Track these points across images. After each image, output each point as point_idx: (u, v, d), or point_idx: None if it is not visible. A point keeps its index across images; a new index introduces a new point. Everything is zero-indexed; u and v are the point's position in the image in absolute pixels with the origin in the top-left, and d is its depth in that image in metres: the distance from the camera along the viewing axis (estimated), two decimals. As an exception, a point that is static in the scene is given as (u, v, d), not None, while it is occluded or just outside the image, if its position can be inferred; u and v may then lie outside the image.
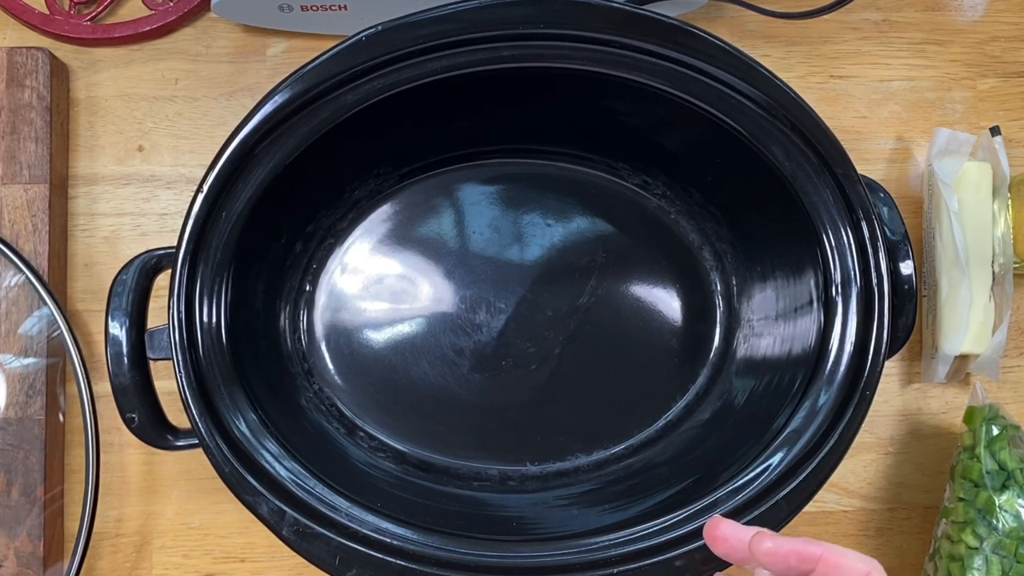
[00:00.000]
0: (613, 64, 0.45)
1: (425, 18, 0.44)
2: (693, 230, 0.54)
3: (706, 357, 0.53)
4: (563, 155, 0.53)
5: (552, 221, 0.53)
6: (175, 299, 0.44)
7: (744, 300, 0.53)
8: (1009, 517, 0.49)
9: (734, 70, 0.45)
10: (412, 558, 0.43)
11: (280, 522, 0.43)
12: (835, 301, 0.46)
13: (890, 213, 0.48)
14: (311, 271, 0.53)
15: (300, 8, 0.53)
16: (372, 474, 0.49)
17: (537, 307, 0.53)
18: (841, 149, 0.46)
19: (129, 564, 0.54)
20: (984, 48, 0.59)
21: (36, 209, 0.53)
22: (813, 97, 0.49)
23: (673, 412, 0.52)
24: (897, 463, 0.56)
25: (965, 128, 0.58)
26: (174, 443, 0.46)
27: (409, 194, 0.53)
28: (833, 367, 0.45)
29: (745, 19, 0.58)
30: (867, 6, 0.59)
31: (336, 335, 0.52)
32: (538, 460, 0.52)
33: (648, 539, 0.43)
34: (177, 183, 0.56)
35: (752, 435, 0.46)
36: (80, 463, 0.53)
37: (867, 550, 0.56)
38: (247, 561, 0.54)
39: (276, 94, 0.44)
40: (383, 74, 0.45)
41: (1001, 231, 0.55)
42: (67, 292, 0.55)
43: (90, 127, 0.56)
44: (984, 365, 0.54)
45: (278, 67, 0.57)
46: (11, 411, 0.52)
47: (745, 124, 0.46)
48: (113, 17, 0.57)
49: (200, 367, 0.44)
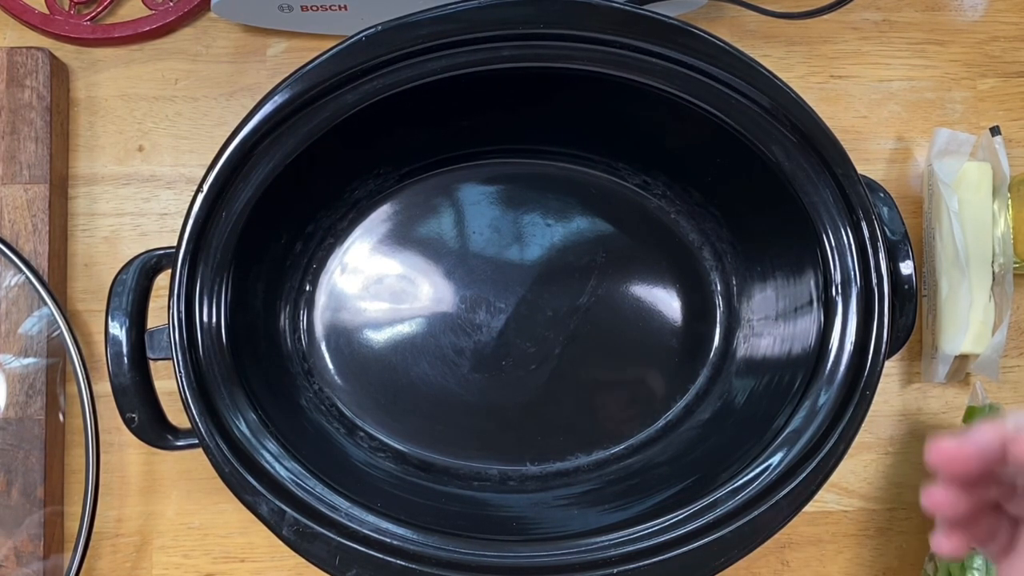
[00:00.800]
0: (613, 64, 0.45)
1: (425, 18, 0.44)
2: (693, 230, 0.54)
3: (706, 357, 0.53)
4: (563, 155, 0.53)
5: (552, 221, 0.53)
6: (175, 299, 0.44)
7: (744, 300, 0.53)
8: (1009, 517, 0.49)
9: (734, 70, 0.45)
10: (412, 558, 0.43)
11: (280, 522, 0.43)
12: (835, 301, 0.46)
13: (890, 213, 0.48)
14: (311, 271, 0.53)
15: (300, 8, 0.53)
16: (372, 474, 0.49)
17: (537, 307, 0.53)
18: (841, 149, 0.46)
19: (129, 564, 0.54)
20: (984, 48, 0.59)
21: (36, 209, 0.53)
22: (813, 97, 0.49)
23: (673, 412, 0.52)
24: (897, 463, 0.56)
25: (965, 128, 0.58)
26: (174, 443, 0.46)
27: (409, 194, 0.53)
28: (833, 367, 0.45)
29: (745, 19, 0.58)
30: (867, 6, 0.59)
31: (336, 335, 0.52)
32: (538, 460, 0.52)
33: (648, 539, 0.43)
34: (177, 183, 0.56)
35: (752, 435, 0.46)
36: (80, 463, 0.53)
37: (867, 550, 0.56)
38: (247, 561, 0.54)
39: (276, 94, 0.44)
40: (383, 74, 0.45)
41: (1001, 231, 0.55)
42: (67, 292, 0.55)
43: (90, 127, 0.56)
44: (984, 365, 0.54)
45: (278, 67, 0.57)
46: (11, 411, 0.52)
47: (745, 124, 0.46)
48: (113, 17, 0.57)
49: (200, 367, 0.44)
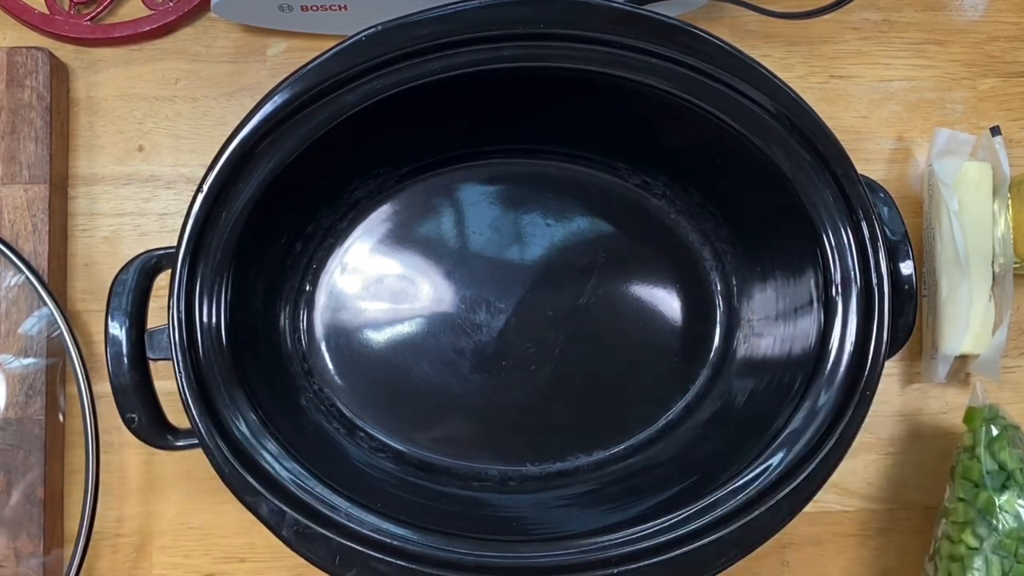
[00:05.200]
0: (613, 64, 0.45)
1: (425, 18, 0.44)
2: (693, 230, 0.54)
3: (706, 357, 0.53)
4: (563, 155, 0.53)
5: (552, 221, 0.53)
6: (175, 299, 0.44)
7: (744, 300, 0.53)
8: (1009, 517, 0.49)
9: (734, 70, 0.45)
10: (412, 558, 0.43)
11: (280, 522, 0.43)
12: (835, 301, 0.46)
13: (890, 213, 0.48)
14: (311, 271, 0.53)
15: (300, 8, 0.53)
16: (372, 474, 0.49)
17: (537, 307, 0.53)
18: (841, 149, 0.46)
19: (129, 564, 0.54)
20: (984, 48, 0.59)
21: (36, 209, 0.53)
22: (813, 97, 0.49)
23: (673, 412, 0.52)
24: (897, 463, 0.56)
25: (965, 128, 0.58)
26: (174, 443, 0.46)
27: (409, 194, 0.53)
28: (833, 367, 0.45)
29: (745, 19, 0.58)
30: (867, 6, 0.59)
31: (336, 335, 0.52)
32: (538, 460, 0.52)
33: (648, 539, 0.43)
34: (177, 183, 0.56)
35: (752, 435, 0.46)
36: (80, 463, 0.53)
37: (867, 550, 0.56)
38: (247, 561, 0.54)
39: (276, 94, 0.44)
40: (383, 74, 0.45)
41: (1001, 231, 0.55)
42: (67, 292, 0.55)
43: (90, 127, 0.56)
44: (984, 365, 0.54)
45: (278, 67, 0.57)
46: (11, 411, 0.52)
47: (745, 124, 0.46)
48: (113, 17, 0.57)
49: (200, 367, 0.44)
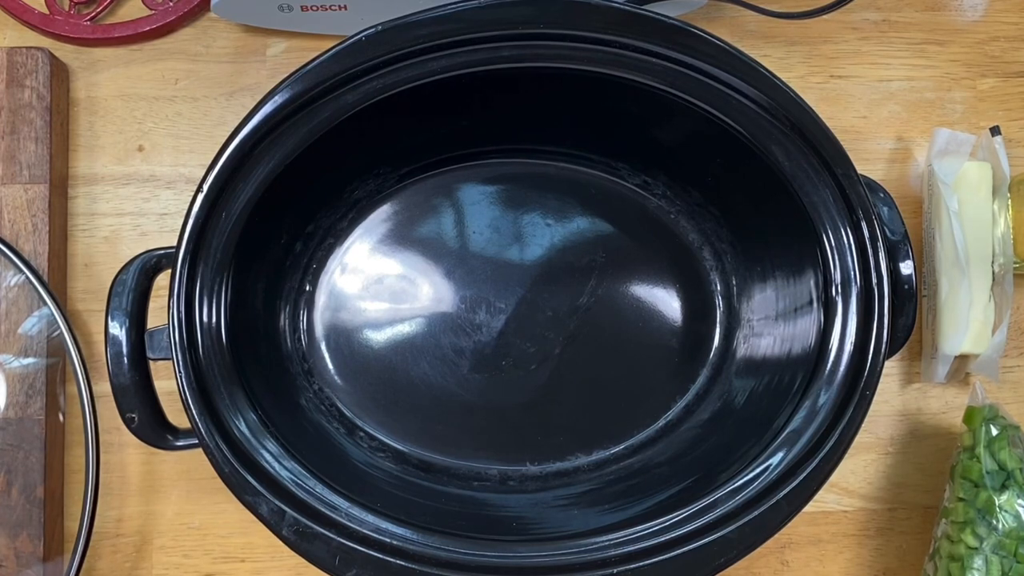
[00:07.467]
0: (613, 64, 0.45)
1: (425, 18, 0.44)
2: (693, 230, 0.54)
3: (706, 357, 0.53)
4: (563, 155, 0.53)
5: (552, 221, 0.53)
6: (175, 299, 0.44)
7: (744, 300, 0.53)
8: (1009, 517, 0.49)
9: (734, 70, 0.45)
10: (412, 558, 0.43)
11: (280, 522, 0.43)
12: (835, 301, 0.46)
13: (890, 213, 0.48)
14: (311, 271, 0.53)
15: (300, 8, 0.53)
16: (372, 474, 0.49)
17: (537, 307, 0.53)
18: (841, 149, 0.46)
19: (129, 564, 0.54)
20: (984, 48, 0.59)
21: (36, 209, 0.53)
22: (813, 97, 0.49)
23: (673, 412, 0.52)
24: (897, 463, 0.56)
25: (965, 128, 0.58)
26: (174, 443, 0.46)
27: (409, 194, 0.53)
28: (833, 367, 0.45)
29: (745, 19, 0.58)
30: (867, 6, 0.59)
31: (336, 335, 0.52)
32: (538, 460, 0.52)
33: (648, 539, 0.43)
34: (177, 183, 0.56)
35: (752, 435, 0.46)
36: (80, 463, 0.53)
37: (867, 550, 0.56)
38: (247, 561, 0.54)
39: (276, 94, 0.44)
40: (383, 74, 0.45)
41: (1001, 231, 0.55)
42: (67, 292, 0.55)
43: (90, 127, 0.56)
44: (984, 365, 0.54)
45: (278, 67, 0.57)
46: (11, 411, 0.52)
47: (745, 124, 0.46)
48: (113, 17, 0.57)
49: (200, 367, 0.44)
